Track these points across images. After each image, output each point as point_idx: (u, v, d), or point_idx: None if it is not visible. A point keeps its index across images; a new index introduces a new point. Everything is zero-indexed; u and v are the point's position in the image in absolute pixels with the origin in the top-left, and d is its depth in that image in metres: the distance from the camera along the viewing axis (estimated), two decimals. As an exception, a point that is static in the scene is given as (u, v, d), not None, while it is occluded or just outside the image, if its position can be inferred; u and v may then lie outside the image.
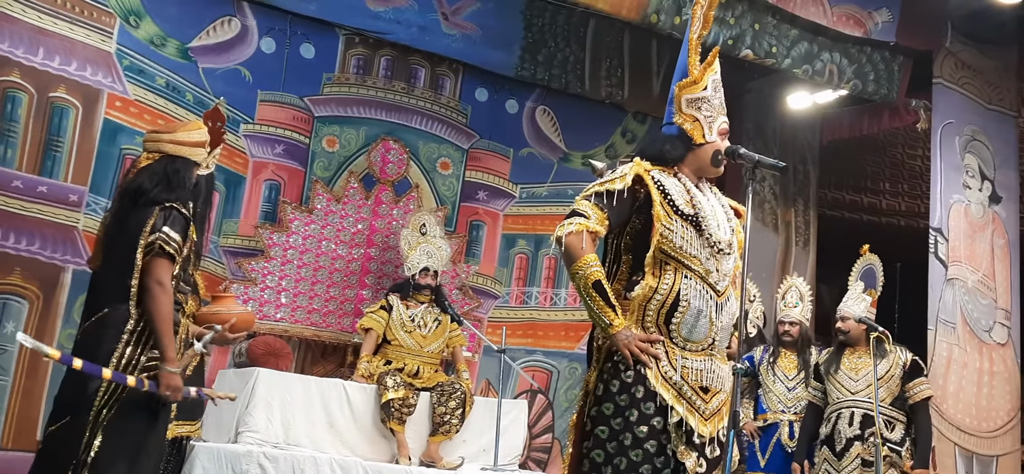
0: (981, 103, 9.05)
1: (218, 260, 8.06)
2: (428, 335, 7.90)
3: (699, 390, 3.75)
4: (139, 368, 4.20)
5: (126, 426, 4.18)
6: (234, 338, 5.67)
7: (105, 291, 4.33)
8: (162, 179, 4.40)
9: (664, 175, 3.87)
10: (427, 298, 8.01)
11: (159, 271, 4.23)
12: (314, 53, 8.59)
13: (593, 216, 3.81)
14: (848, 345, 6.91)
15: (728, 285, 3.87)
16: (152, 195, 4.34)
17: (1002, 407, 8.56)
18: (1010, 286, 8.89)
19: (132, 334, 4.21)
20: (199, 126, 4.74)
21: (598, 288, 3.72)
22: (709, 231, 3.80)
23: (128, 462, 4.20)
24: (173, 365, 4.22)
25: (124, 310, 4.23)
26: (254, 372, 7.21)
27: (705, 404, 3.75)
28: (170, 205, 4.33)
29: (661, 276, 3.78)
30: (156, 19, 7.81)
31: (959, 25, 8.92)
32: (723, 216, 3.92)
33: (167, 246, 4.24)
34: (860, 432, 6.70)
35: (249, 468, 6.61)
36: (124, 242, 4.29)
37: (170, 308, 4.26)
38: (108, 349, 4.17)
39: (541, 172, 9.45)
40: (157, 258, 4.23)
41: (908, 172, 10.97)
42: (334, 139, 8.64)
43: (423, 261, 8.03)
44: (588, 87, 9.40)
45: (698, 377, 3.76)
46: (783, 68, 8.49)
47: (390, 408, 7.37)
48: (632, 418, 3.68)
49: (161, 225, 4.26)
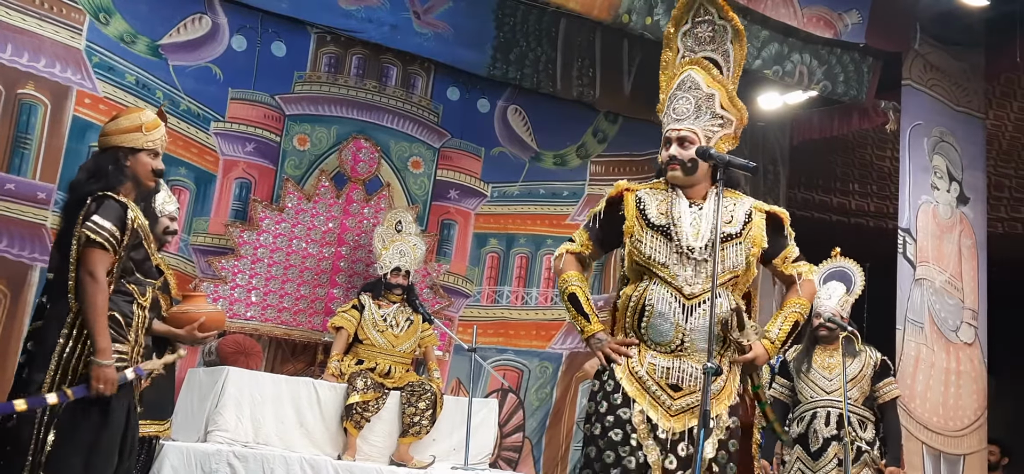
0: (949, 105, 9.11)
1: (188, 258, 8.02)
2: (400, 334, 7.90)
3: (667, 387, 3.97)
4: (85, 360, 4.18)
5: (78, 423, 4.16)
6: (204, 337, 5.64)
7: (51, 286, 4.36)
8: (94, 171, 4.42)
9: (652, 191, 4.21)
10: (399, 297, 8.01)
11: (90, 262, 4.21)
12: (285, 51, 8.56)
13: (577, 239, 4.32)
14: (822, 342, 6.91)
15: (703, 288, 4.00)
16: (85, 187, 4.35)
17: (969, 406, 8.63)
18: (977, 286, 8.96)
19: (72, 328, 4.21)
20: (138, 110, 4.72)
21: (572, 300, 4.20)
22: (679, 238, 4.03)
23: (82, 458, 4.18)
24: (104, 357, 4.18)
25: (64, 304, 4.24)
26: (224, 371, 7.19)
27: (672, 400, 3.96)
28: (101, 194, 4.31)
29: (637, 283, 4.12)
30: (126, 16, 7.76)
31: (927, 27, 8.98)
32: (708, 224, 4.06)
33: (94, 235, 4.22)
34: (837, 432, 6.72)
35: (219, 467, 6.58)
36: (64, 237, 4.31)
37: (102, 299, 4.22)
38: (51, 343, 4.19)
39: (513, 171, 9.46)
40: (88, 248, 4.22)
41: (877, 173, 11.03)
42: (305, 137, 8.62)
43: (395, 260, 8.03)
44: (559, 86, 9.41)
45: (665, 374, 3.99)
46: (753, 69, 8.51)
47: (352, 411, 7.37)
48: (602, 409, 4.04)
49: (91, 214, 4.25)
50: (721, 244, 3.98)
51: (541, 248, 9.41)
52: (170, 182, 7.76)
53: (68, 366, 4.17)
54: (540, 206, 9.48)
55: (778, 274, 4.34)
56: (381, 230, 8.31)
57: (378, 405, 7.50)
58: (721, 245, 3.98)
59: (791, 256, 4.28)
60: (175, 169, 7.88)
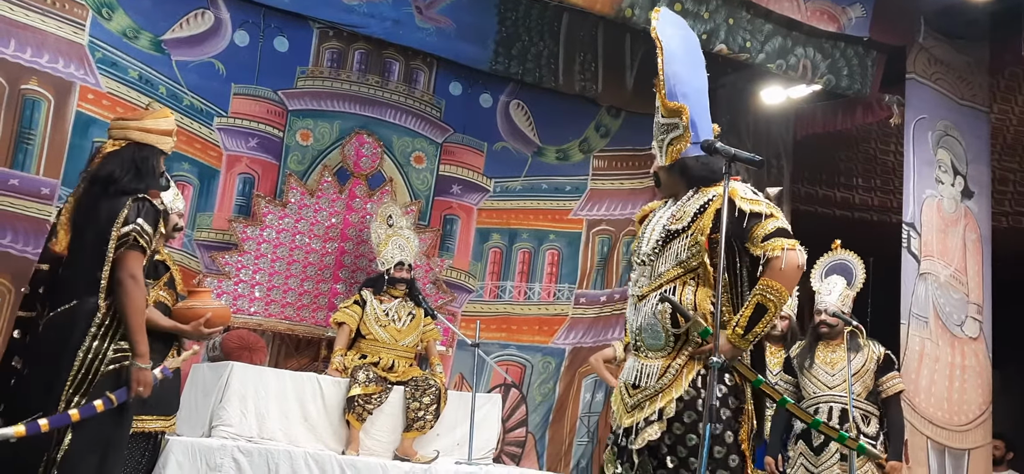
0: (953, 98, 9.10)
1: (192, 254, 8.02)
2: (402, 329, 7.90)
3: (629, 386, 4.11)
4: (106, 360, 4.16)
5: (95, 421, 4.13)
6: (210, 333, 5.64)
7: (73, 282, 4.26)
8: (131, 167, 4.35)
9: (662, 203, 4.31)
10: (401, 292, 8.02)
11: (132, 264, 4.19)
12: (288, 46, 8.56)
13: None
14: (826, 338, 6.90)
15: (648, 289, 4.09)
16: (122, 184, 4.29)
17: (974, 401, 8.61)
18: (982, 280, 8.95)
19: (100, 327, 4.18)
20: (167, 114, 4.67)
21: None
22: (638, 244, 4.23)
23: (99, 456, 4.17)
24: (144, 361, 4.19)
25: (93, 303, 4.18)
26: (228, 366, 7.19)
27: (629, 398, 4.08)
28: (143, 196, 4.29)
29: None
30: (129, 12, 7.76)
31: (932, 21, 8.96)
32: (661, 226, 4.14)
33: (140, 238, 4.20)
34: (839, 427, 6.72)
35: (223, 462, 6.59)
36: (94, 232, 4.23)
37: (143, 302, 4.23)
38: (76, 342, 4.14)
39: (515, 166, 9.45)
40: (130, 251, 4.19)
41: (881, 167, 11.02)
42: (308, 133, 8.61)
43: (397, 255, 8.04)
44: (562, 81, 9.40)
45: (628, 374, 4.15)
46: (757, 63, 8.51)
47: (354, 403, 7.37)
48: None
49: (135, 217, 4.21)
50: (668, 242, 4.07)
51: (544, 243, 9.41)
52: (174, 177, 7.78)
53: (91, 367, 4.14)
54: (543, 201, 9.47)
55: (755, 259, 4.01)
56: (375, 226, 8.30)
57: (380, 399, 7.50)
58: (668, 243, 4.07)
59: (759, 236, 3.92)
60: (179, 165, 7.88)
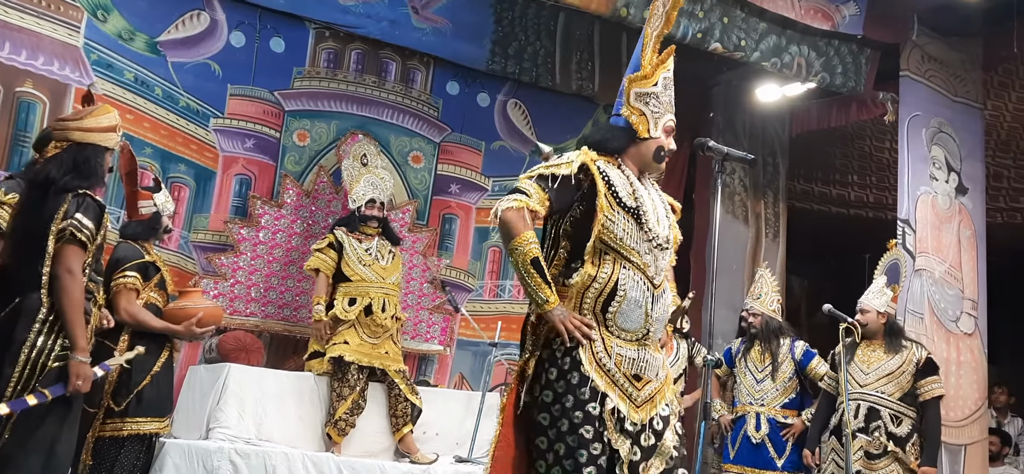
0: (947, 95, 9.12)
1: (188, 255, 8.02)
2: (387, 266, 7.72)
3: (631, 378, 3.84)
4: (54, 356, 4.17)
5: (38, 420, 4.13)
6: (202, 333, 5.65)
7: (16, 281, 4.27)
8: (71, 167, 4.36)
9: (609, 166, 3.95)
10: (375, 231, 7.78)
11: (69, 259, 4.21)
12: (284, 47, 8.55)
13: (535, 195, 3.84)
14: (865, 337, 7.02)
15: (664, 279, 3.97)
16: (62, 183, 4.30)
17: (969, 397, 8.64)
18: (976, 276, 8.97)
19: (44, 324, 4.19)
20: (108, 110, 4.66)
21: (536, 265, 3.77)
22: (648, 225, 3.89)
23: (43, 456, 4.16)
24: (83, 354, 4.20)
25: (36, 298, 4.20)
26: (225, 368, 7.18)
27: (637, 392, 3.84)
28: (83, 192, 4.30)
29: (600, 265, 3.87)
30: (124, 13, 7.77)
31: (925, 18, 8.99)
32: (663, 211, 4.02)
33: (78, 233, 4.22)
34: (864, 424, 6.81)
35: (220, 465, 6.57)
36: (35, 231, 4.25)
37: (81, 296, 4.23)
38: (20, 338, 4.15)
39: (513, 165, 9.45)
40: (67, 245, 4.21)
41: (876, 164, 11.04)
42: (305, 133, 8.61)
43: (369, 192, 7.81)
44: (559, 80, 9.42)
45: (631, 365, 3.85)
46: (752, 61, 8.53)
47: (338, 421, 7.28)
48: (568, 404, 3.76)
49: (73, 212, 4.24)
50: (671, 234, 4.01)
51: (544, 242, 9.41)
52: (170, 179, 7.80)
53: (37, 363, 4.15)
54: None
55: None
56: (348, 163, 8.14)
57: (360, 405, 7.42)
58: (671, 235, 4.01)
59: None
60: (175, 166, 7.90)
